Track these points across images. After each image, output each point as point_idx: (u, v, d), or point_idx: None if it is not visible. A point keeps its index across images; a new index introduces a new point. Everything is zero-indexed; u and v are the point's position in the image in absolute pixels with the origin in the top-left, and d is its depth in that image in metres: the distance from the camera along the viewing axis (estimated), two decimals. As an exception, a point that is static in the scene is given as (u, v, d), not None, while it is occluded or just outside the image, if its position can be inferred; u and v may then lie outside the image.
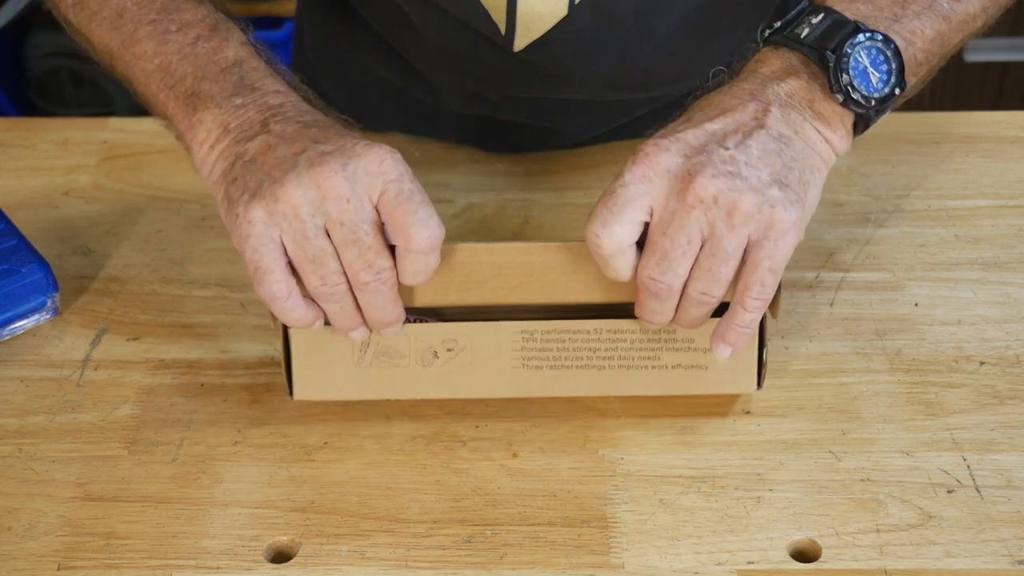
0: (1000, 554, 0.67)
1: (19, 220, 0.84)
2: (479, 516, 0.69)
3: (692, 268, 0.66)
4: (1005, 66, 1.94)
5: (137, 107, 0.77)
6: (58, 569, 0.67)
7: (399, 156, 0.67)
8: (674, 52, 0.89)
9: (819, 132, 0.68)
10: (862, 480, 0.71)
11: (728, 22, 0.91)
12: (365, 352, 0.71)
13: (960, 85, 1.92)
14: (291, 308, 0.68)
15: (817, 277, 0.84)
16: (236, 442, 0.74)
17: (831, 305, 0.82)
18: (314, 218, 0.65)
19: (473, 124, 0.97)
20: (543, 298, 0.71)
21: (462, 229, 0.89)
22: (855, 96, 0.68)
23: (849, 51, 0.67)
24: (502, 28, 0.85)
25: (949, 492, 0.70)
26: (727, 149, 0.65)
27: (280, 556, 0.68)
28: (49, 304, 0.81)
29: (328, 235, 0.66)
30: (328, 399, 0.74)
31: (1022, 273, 0.85)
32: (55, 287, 0.81)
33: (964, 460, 0.72)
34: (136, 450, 0.73)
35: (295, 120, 0.68)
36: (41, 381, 0.78)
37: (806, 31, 0.69)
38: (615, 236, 0.65)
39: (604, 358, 0.72)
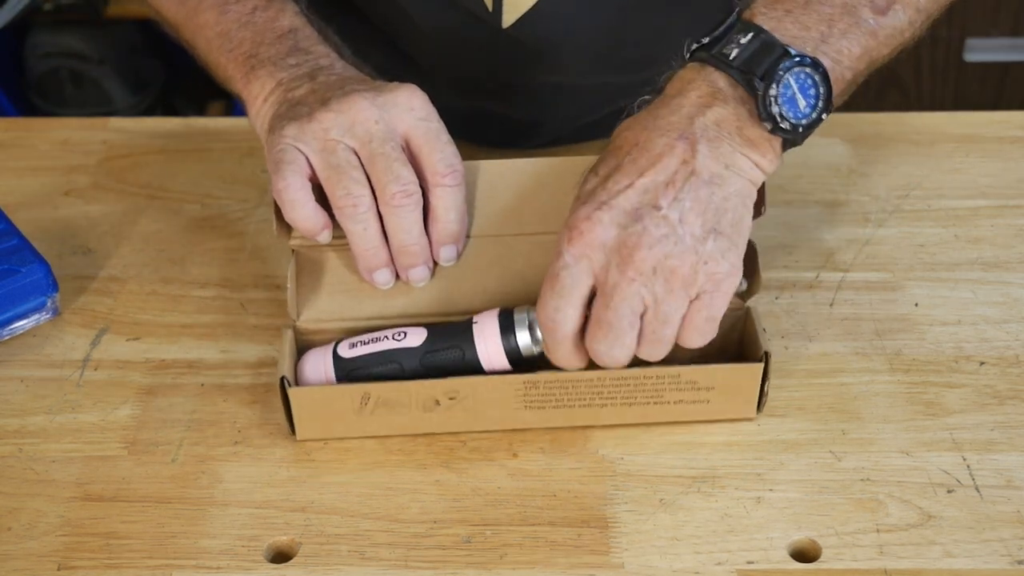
0: (1000, 554, 0.67)
1: (19, 220, 0.84)
2: (479, 516, 0.69)
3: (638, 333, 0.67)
4: (1005, 66, 1.94)
5: (137, 107, 0.79)
6: (58, 569, 0.67)
7: (427, 97, 0.72)
8: (666, 27, 0.89)
9: (748, 158, 0.68)
10: (862, 480, 0.71)
11: (724, 1, 0.91)
12: (365, 404, 0.71)
13: (960, 85, 1.92)
14: (302, 203, 0.70)
15: (817, 277, 0.84)
16: (236, 442, 0.74)
17: (831, 305, 0.82)
18: (343, 137, 0.70)
19: (469, 117, 0.97)
20: (537, 227, 0.75)
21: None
22: (783, 124, 0.67)
23: (778, 78, 0.66)
24: (488, 4, 0.85)
25: (949, 492, 0.70)
26: (660, 210, 0.65)
27: (280, 556, 0.68)
28: (49, 304, 0.81)
29: (357, 156, 0.70)
30: (330, 437, 0.74)
31: (1022, 273, 0.85)
32: (55, 287, 0.81)
33: (964, 460, 0.72)
34: (136, 450, 0.73)
35: (339, 75, 0.74)
36: (41, 381, 0.78)
37: (735, 52, 0.68)
38: (569, 319, 0.67)
39: (607, 398, 0.72)
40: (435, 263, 0.74)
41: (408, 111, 0.71)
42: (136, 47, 2.00)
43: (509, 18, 0.86)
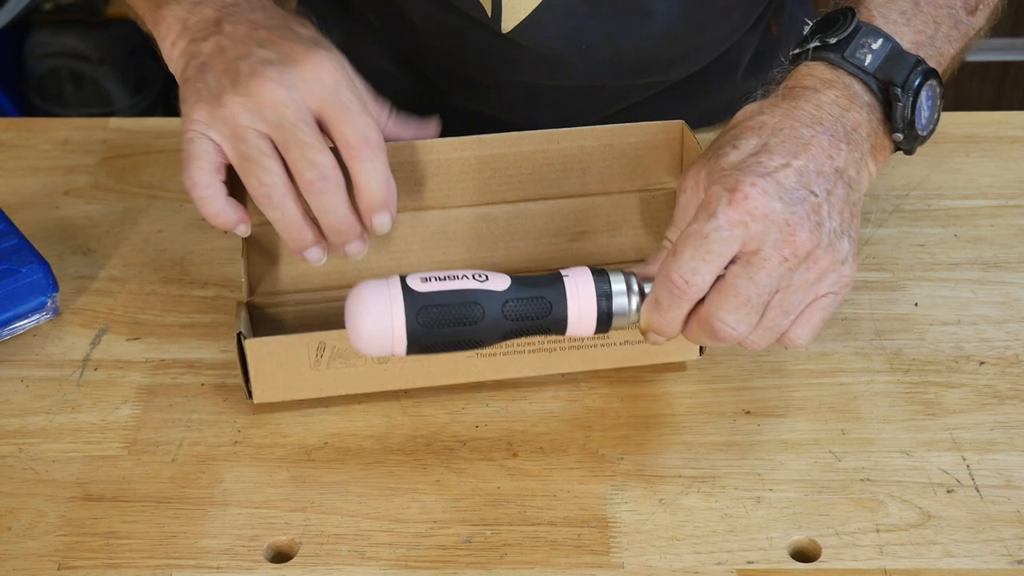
0: (1000, 554, 0.67)
1: (19, 220, 0.84)
2: (479, 516, 0.69)
3: None
4: (1005, 66, 1.95)
5: (137, 107, 0.79)
6: (58, 569, 0.67)
7: (338, 63, 0.69)
8: (667, 35, 0.89)
9: (868, 168, 0.67)
10: (862, 480, 0.71)
11: (723, 5, 0.91)
12: (321, 356, 0.71)
13: (960, 85, 1.92)
14: (210, 199, 0.69)
15: (817, 277, 0.84)
16: (236, 442, 0.74)
17: (831, 305, 0.82)
18: (253, 123, 0.67)
19: (472, 118, 0.97)
20: (480, 198, 0.78)
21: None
22: (916, 134, 0.66)
23: (917, 89, 0.65)
24: (488, 9, 0.85)
25: (949, 492, 0.70)
26: (816, 196, 0.63)
27: (280, 556, 0.68)
28: (49, 304, 0.81)
29: (272, 142, 0.68)
30: (287, 399, 0.74)
31: (1022, 273, 0.85)
32: (55, 287, 0.81)
33: (964, 460, 0.72)
34: (136, 450, 0.73)
35: (247, 20, 0.70)
36: (41, 381, 0.78)
37: (869, 58, 0.67)
38: (704, 283, 0.63)
39: (555, 341, 0.73)
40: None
41: (317, 84, 0.68)
42: (136, 47, 2.01)
43: (509, 23, 0.86)
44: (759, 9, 0.96)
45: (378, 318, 0.63)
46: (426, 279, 0.65)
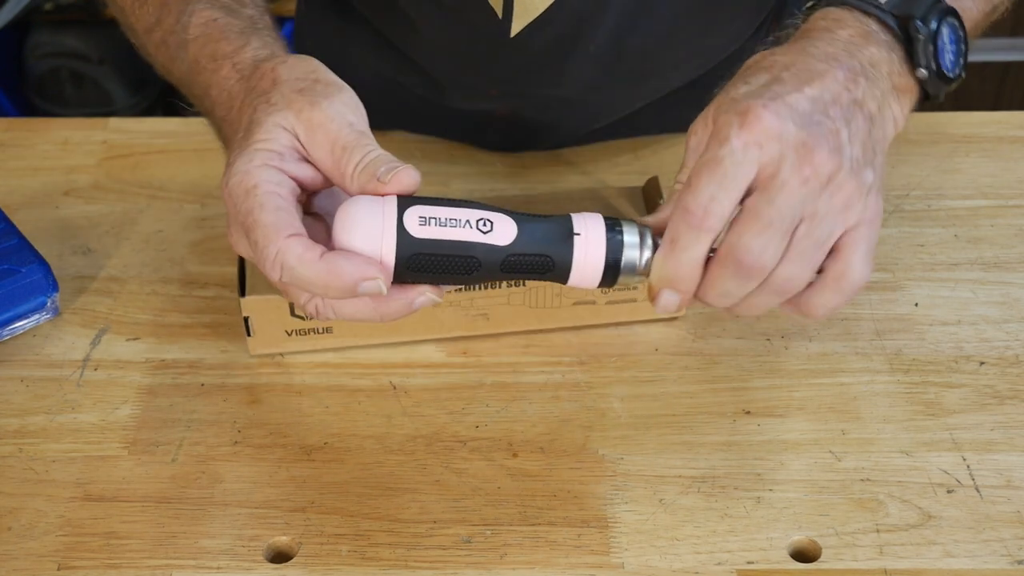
0: (1000, 554, 0.67)
1: (19, 220, 0.84)
2: (479, 516, 0.69)
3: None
4: (1005, 66, 1.95)
5: (137, 107, 0.78)
6: (58, 569, 0.67)
7: (237, 186, 0.62)
8: (673, 37, 0.89)
9: (892, 108, 0.64)
10: (862, 480, 0.71)
11: (729, 9, 0.91)
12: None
13: (960, 85, 1.92)
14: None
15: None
16: (236, 442, 0.74)
17: (831, 305, 0.82)
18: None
19: (475, 120, 0.97)
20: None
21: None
22: (939, 72, 0.64)
23: (938, 23, 0.63)
24: (499, 11, 0.85)
25: (949, 492, 0.70)
26: (832, 121, 0.60)
27: (280, 556, 0.68)
28: (49, 304, 0.81)
29: None
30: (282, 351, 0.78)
31: (1022, 273, 0.85)
32: (55, 287, 0.81)
33: (964, 460, 0.72)
34: (136, 450, 0.73)
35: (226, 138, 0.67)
36: (41, 381, 0.78)
37: None
38: (724, 211, 0.59)
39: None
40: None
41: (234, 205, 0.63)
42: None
43: (518, 25, 0.86)
44: (764, 13, 0.96)
45: (366, 251, 0.59)
46: (424, 221, 0.59)
